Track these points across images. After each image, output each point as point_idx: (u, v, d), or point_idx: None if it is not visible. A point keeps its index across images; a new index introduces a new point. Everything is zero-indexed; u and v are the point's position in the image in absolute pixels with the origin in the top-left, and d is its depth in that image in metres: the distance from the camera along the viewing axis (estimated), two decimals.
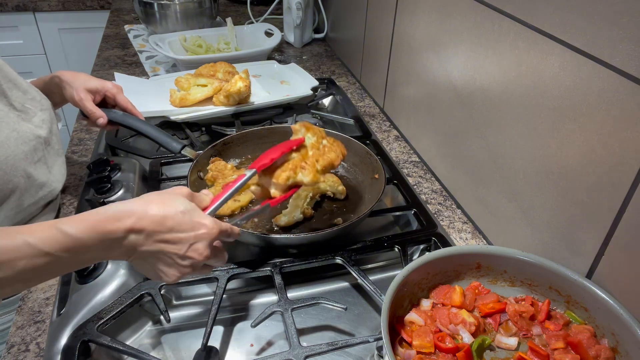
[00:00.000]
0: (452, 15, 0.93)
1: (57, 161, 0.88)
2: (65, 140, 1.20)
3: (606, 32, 0.59)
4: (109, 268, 0.75)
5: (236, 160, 1.04)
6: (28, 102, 0.82)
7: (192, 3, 1.65)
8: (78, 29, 2.27)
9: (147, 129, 0.94)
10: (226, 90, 1.14)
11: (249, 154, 1.06)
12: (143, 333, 0.74)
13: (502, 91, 0.81)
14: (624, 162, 0.59)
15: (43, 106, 0.86)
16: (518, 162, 0.79)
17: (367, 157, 0.98)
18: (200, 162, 0.95)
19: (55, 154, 0.88)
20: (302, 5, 1.64)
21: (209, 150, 0.98)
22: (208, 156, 0.98)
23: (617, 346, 0.62)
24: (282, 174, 0.72)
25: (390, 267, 0.88)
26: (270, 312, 0.71)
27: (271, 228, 0.86)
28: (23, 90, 0.82)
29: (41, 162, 0.82)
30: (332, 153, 0.77)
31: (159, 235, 0.55)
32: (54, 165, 0.87)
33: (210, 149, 0.98)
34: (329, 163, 0.76)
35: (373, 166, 0.96)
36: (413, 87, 1.14)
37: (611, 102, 0.60)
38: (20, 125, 0.78)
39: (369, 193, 0.94)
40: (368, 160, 0.97)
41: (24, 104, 0.81)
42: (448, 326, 0.66)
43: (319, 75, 1.57)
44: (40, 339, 0.69)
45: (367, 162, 0.98)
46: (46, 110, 0.86)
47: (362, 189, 0.97)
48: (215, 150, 0.99)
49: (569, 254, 0.71)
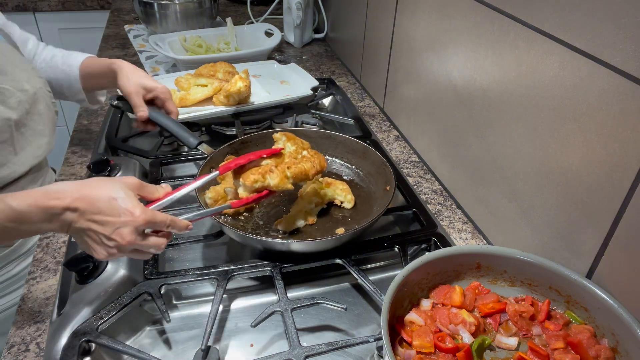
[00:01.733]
0: (452, 15, 0.93)
1: (32, 143, 0.90)
2: (65, 140, 1.20)
3: (606, 32, 0.59)
4: (109, 268, 0.75)
5: None
6: (7, 83, 0.85)
7: (192, 3, 1.65)
8: (78, 29, 2.27)
9: (166, 122, 0.98)
10: (226, 90, 1.14)
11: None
12: (143, 333, 0.74)
13: (502, 91, 0.81)
14: (624, 162, 0.59)
15: (24, 88, 0.88)
16: (518, 162, 0.79)
17: (382, 168, 0.95)
18: (214, 159, 0.94)
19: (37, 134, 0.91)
20: (302, 5, 1.64)
21: (225, 147, 0.97)
22: (224, 154, 0.97)
23: (617, 346, 0.62)
24: (250, 176, 0.74)
25: (390, 267, 0.88)
26: (270, 312, 0.70)
27: (271, 232, 0.86)
28: (3, 72, 0.85)
29: (7, 143, 0.85)
30: (308, 163, 0.80)
31: (89, 215, 0.61)
32: (25, 147, 0.89)
33: (226, 147, 0.98)
34: (301, 172, 0.79)
35: (387, 177, 0.92)
36: (413, 87, 1.14)
37: (611, 102, 0.60)
38: None
39: (379, 205, 0.90)
40: (383, 171, 0.94)
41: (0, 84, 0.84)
42: (448, 326, 0.66)
43: (319, 75, 1.57)
44: (40, 339, 0.69)
45: (382, 173, 0.95)
46: (26, 92, 0.88)
47: (373, 200, 0.94)
48: (231, 148, 0.99)
49: (569, 254, 0.71)
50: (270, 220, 0.88)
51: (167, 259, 0.87)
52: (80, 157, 1.10)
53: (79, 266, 0.73)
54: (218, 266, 0.77)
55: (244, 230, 0.85)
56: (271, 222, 0.87)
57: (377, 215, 0.81)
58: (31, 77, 0.91)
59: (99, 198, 0.61)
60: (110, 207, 0.61)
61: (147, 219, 0.63)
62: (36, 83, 0.92)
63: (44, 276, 0.79)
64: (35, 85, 0.91)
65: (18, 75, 0.88)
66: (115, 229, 0.61)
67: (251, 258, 0.80)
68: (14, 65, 0.88)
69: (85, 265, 0.74)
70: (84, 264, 0.73)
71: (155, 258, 0.79)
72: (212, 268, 0.77)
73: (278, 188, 0.76)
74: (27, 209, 0.58)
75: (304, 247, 0.78)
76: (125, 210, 0.62)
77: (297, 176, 0.79)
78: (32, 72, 0.93)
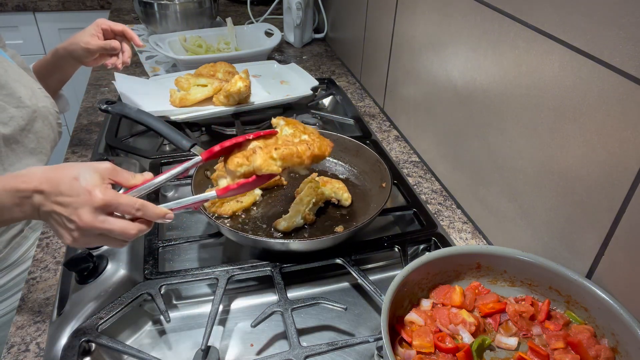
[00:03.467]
0: (452, 15, 0.93)
1: (22, 160, 0.89)
2: (65, 140, 1.20)
3: (606, 32, 0.59)
4: (109, 268, 0.75)
5: None
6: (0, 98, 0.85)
7: (192, 3, 1.65)
8: (78, 29, 2.23)
9: (158, 125, 0.94)
10: (226, 90, 1.14)
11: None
12: (143, 333, 0.74)
13: (502, 91, 0.81)
14: (624, 162, 0.59)
15: (22, 104, 0.88)
16: (518, 162, 0.79)
17: (377, 165, 0.95)
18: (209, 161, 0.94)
19: (28, 152, 0.89)
20: (302, 5, 1.64)
21: None
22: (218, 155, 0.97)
23: (617, 346, 0.62)
24: (234, 159, 0.67)
25: (390, 267, 0.88)
26: (270, 312, 0.71)
27: (270, 232, 0.86)
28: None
29: None
30: (303, 145, 0.71)
31: (53, 197, 0.60)
32: (15, 164, 0.88)
33: None
34: (292, 154, 0.69)
35: (382, 174, 0.93)
36: (413, 87, 1.14)
37: (611, 102, 0.60)
38: None
39: (375, 202, 0.91)
40: (378, 169, 0.95)
41: None
42: (448, 326, 0.66)
43: (319, 75, 1.57)
44: (40, 339, 0.69)
45: (377, 170, 0.95)
46: (24, 109, 0.88)
47: (369, 198, 0.95)
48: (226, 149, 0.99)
49: (569, 254, 0.71)
50: (269, 221, 0.88)
51: (167, 259, 0.87)
52: (80, 157, 1.10)
53: (79, 266, 0.73)
54: (218, 266, 0.77)
55: (244, 231, 0.85)
56: (270, 223, 0.87)
57: (376, 213, 0.82)
58: (35, 95, 0.91)
59: (62, 179, 0.60)
60: (70, 187, 0.60)
61: (107, 199, 0.60)
62: (39, 101, 0.91)
63: (44, 276, 0.79)
64: (37, 104, 0.90)
65: (18, 91, 0.87)
66: (73, 210, 0.59)
67: (251, 258, 0.80)
68: (15, 80, 0.88)
69: (85, 265, 0.74)
70: (84, 264, 0.73)
71: (155, 258, 0.79)
72: (212, 268, 0.77)
73: (262, 171, 0.67)
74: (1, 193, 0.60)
75: (304, 247, 0.78)
76: (84, 189, 0.59)
77: (287, 158, 0.69)
78: (39, 91, 0.92)
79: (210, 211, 0.87)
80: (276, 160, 0.68)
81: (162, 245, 0.82)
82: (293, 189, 0.96)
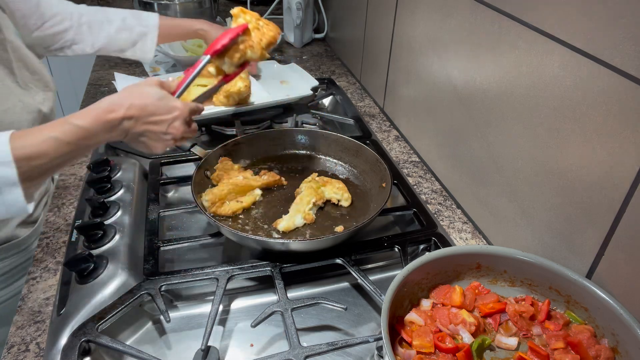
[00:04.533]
0: (452, 15, 0.93)
1: None
2: None
3: (606, 32, 0.59)
4: (109, 268, 0.75)
5: (246, 161, 1.04)
6: (33, 82, 0.92)
7: (192, 3, 1.65)
8: None
9: None
10: (226, 90, 1.14)
11: (260, 156, 1.05)
12: (143, 333, 0.74)
13: (502, 91, 0.81)
14: (624, 162, 0.59)
15: (47, 87, 0.96)
16: (518, 162, 0.79)
17: (377, 165, 0.95)
18: (208, 161, 0.94)
19: None
20: (302, 5, 1.64)
21: (218, 149, 0.98)
22: (217, 155, 0.97)
23: (617, 346, 0.62)
24: (234, 54, 0.84)
25: (390, 267, 0.88)
26: (270, 312, 0.71)
27: (270, 232, 0.86)
28: (31, 71, 0.92)
29: None
30: (271, 32, 0.90)
31: (144, 118, 0.72)
32: None
33: (220, 149, 0.98)
34: (271, 40, 0.89)
35: (382, 174, 0.93)
36: (413, 87, 1.14)
37: (611, 102, 0.60)
38: (25, 97, 0.89)
39: (375, 202, 0.91)
40: (377, 168, 0.95)
41: (27, 83, 0.91)
42: (448, 326, 0.66)
43: (319, 75, 1.57)
44: (40, 339, 0.69)
45: (377, 170, 0.95)
46: (49, 92, 0.96)
47: (369, 197, 0.95)
48: (225, 150, 0.99)
49: (569, 254, 0.71)
50: (269, 221, 0.88)
51: (167, 259, 0.87)
52: None
53: (79, 266, 0.73)
54: (218, 266, 0.77)
55: (244, 231, 0.85)
56: (270, 223, 0.87)
57: (376, 213, 0.82)
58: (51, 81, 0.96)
59: (148, 103, 0.72)
60: (160, 107, 0.73)
61: (191, 108, 0.77)
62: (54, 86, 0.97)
63: (44, 276, 0.79)
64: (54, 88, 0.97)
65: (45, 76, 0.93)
66: (169, 125, 0.74)
67: (251, 258, 0.80)
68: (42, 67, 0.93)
69: (85, 265, 0.74)
70: (84, 264, 0.74)
71: (155, 258, 0.79)
72: (212, 268, 0.77)
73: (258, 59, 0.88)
74: (92, 126, 0.67)
75: (304, 247, 0.78)
76: (172, 106, 0.74)
77: (269, 44, 0.89)
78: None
79: (210, 211, 0.87)
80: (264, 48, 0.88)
81: (162, 245, 0.82)
82: (293, 189, 0.96)
